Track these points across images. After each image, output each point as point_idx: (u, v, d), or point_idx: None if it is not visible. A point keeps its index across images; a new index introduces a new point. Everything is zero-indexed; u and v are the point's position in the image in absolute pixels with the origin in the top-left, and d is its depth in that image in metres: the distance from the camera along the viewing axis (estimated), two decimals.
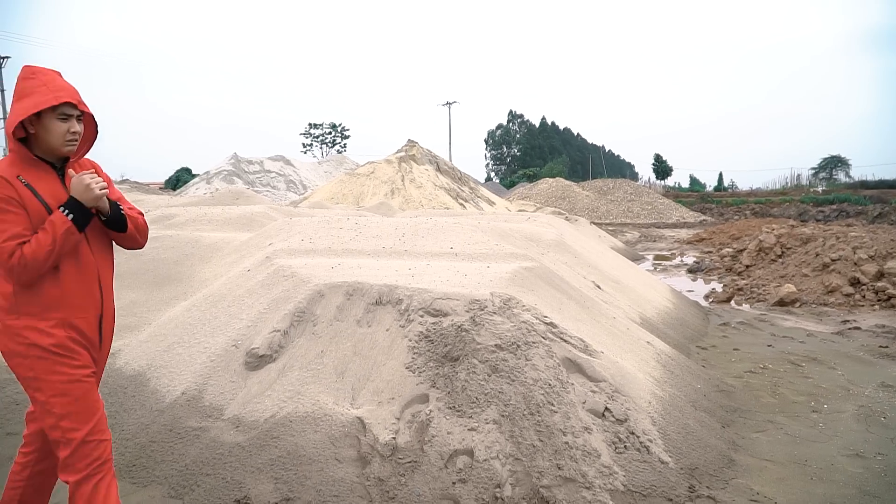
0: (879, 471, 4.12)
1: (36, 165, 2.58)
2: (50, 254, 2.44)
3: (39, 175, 2.56)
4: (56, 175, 2.62)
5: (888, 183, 54.21)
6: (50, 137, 2.55)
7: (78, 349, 2.61)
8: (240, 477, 3.61)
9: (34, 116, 2.52)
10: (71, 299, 2.58)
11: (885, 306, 9.87)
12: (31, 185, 2.51)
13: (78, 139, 2.63)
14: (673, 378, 5.29)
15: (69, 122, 2.57)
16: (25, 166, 2.55)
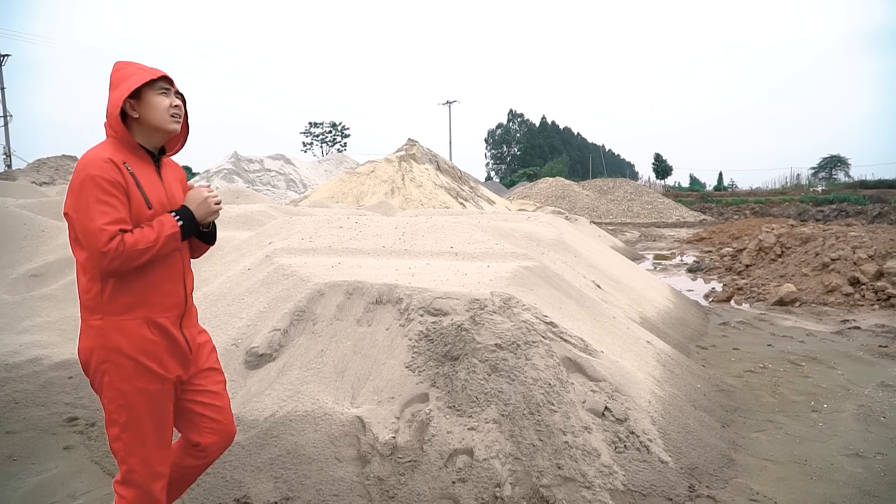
0: (879, 470, 4.12)
1: (137, 153, 2.53)
2: (148, 251, 2.37)
3: (141, 165, 2.52)
4: (154, 167, 2.58)
5: (888, 182, 54.21)
6: (154, 113, 2.50)
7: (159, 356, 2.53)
8: (239, 476, 3.61)
9: (134, 100, 2.49)
10: (156, 298, 2.51)
11: (885, 306, 9.87)
12: (136, 175, 2.45)
13: (180, 114, 2.60)
14: (673, 377, 5.29)
15: (169, 97, 2.55)
16: (128, 154, 2.50)
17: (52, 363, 5.27)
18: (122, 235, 2.32)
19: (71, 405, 4.84)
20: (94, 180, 2.33)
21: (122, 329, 2.45)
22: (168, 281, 2.55)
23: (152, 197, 2.48)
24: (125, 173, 2.41)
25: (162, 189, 2.55)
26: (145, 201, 2.44)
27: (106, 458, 4.11)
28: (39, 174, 38.39)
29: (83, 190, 2.34)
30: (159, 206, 2.50)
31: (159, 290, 2.52)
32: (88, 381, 2.59)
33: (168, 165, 2.69)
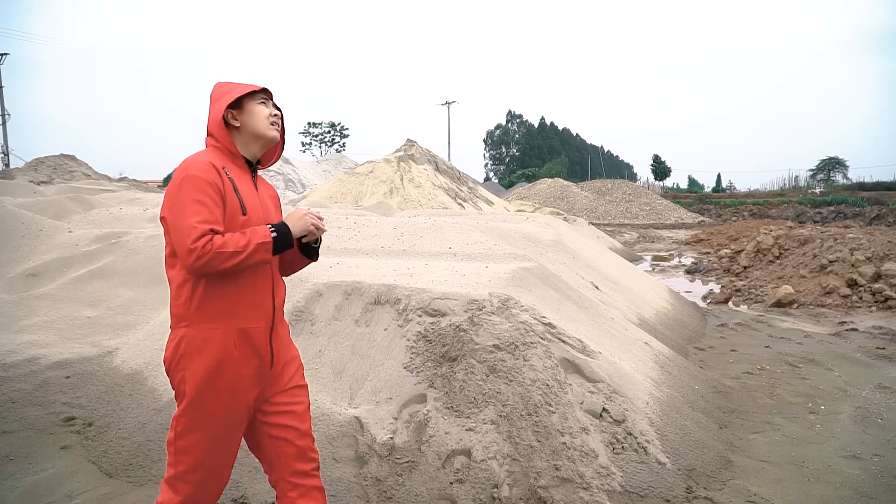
0: (876, 472, 4.12)
1: (236, 161, 2.56)
2: (236, 256, 2.30)
3: (239, 172, 2.54)
4: (250, 177, 2.60)
5: (886, 185, 54.31)
6: (255, 120, 2.55)
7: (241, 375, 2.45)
8: (237, 476, 3.61)
9: (235, 110, 2.55)
10: (244, 308, 2.45)
11: (882, 308, 9.87)
12: (234, 181, 2.46)
13: (279, 122, 2.64)
14: (671, 379, 5.29)
15: (268, 107, 2.61)
16: (228, 161, 2.53)
17: (50, 363, 5.26)
18: (211, 235, 2.28)
19: (68, 405, 4.83)
20: (192, 180, 2.34)
21: (208, 338, 2.41)
22: (257, 291, 2.50)
23: (248, 204, 2.48)
24: (224, 177, 2.42)
25: (257, 199, 2.56)
26: (241, 206, 2.44)
27: (103, 457, 4.11)
28: (37, 173, 38.34)
29: (181, 189, 2.34)
30: (254, 214, 2.49)
31: (248, 301, 2.46)
32: (88, 381, 2.59)
33: (263, 182, 2.71)
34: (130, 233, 8.39)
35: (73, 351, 5.52)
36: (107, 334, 5.96)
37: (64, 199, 14.02)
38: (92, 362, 5.37)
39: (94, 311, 6.42)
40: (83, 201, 14.27)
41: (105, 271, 7.17)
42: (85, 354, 5.48)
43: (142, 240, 7.97)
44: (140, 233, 8.38)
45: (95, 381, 5.08)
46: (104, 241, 8.17)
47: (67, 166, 41.37)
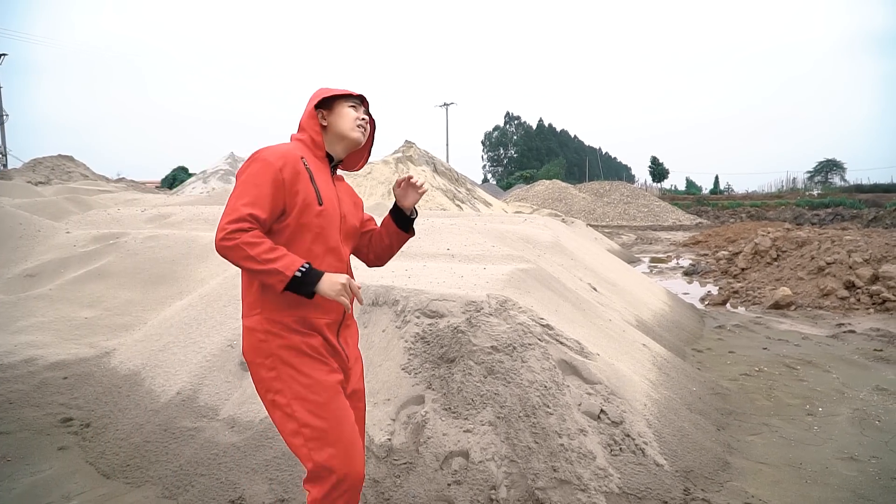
0: (874, 474, 4.12)
1: (316, 154, 2.61)
2: (254, 263, 2.25)
3: (319, 165, 2.57)
4: (329, 172, 2.64)
5: (883, 187, 54.44)
6: (342, 121, 2.61)
7: (322, 352, 2.47)
8: (234, 477, 3.61)
9: (326, 110, 2.63)
10: (313, 300, 2.42)
11: (880, 310, 9.88)
12: (312, 171, 2.48)
13: (366, 126, 2.70)
14: (668, 380, 5.29)
15: (358, 112, 2.67)
16: (309, 153, 2.57)
17: (47, 363, 5.26)
18: (250, 224, 2.28)
19: (66, 406, 4.83)
20: (259, 164, 2.37)
21: (279, 326, 2.41)
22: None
23: (325, 196, 2.48)
24: (300, 167, 2.43)
25: (334, 193, 2.57)
26: (317, 197, 2.44)
27: (100, 458, 4.11)
28: (35, 174, 38.30)
29: (247, 171, 2.38)
30: (329, 206, 2.48)
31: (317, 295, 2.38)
32: (85, 382, 2.59)
33: (343, 183, 2.74)
34: (128, 233, 8.38)
35: (70, 352, 5.51)
36: (104, 335, 5.96)
37: (61, 199, 14.02)
38: (89, 363, 5.37)
39: (91, 311, 6.41)
40: (81, 202, 14.27)
41: (103, 272, 7.17)
42: (82, 355, 5.48)
43: (139, 241, 7.96)
44: (138, 234, 8.38)
45: (93, 382, 5.08)
46: (102, 241, 8.16)
47: (65, 167, 41.34)
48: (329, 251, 2.49)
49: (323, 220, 2.45)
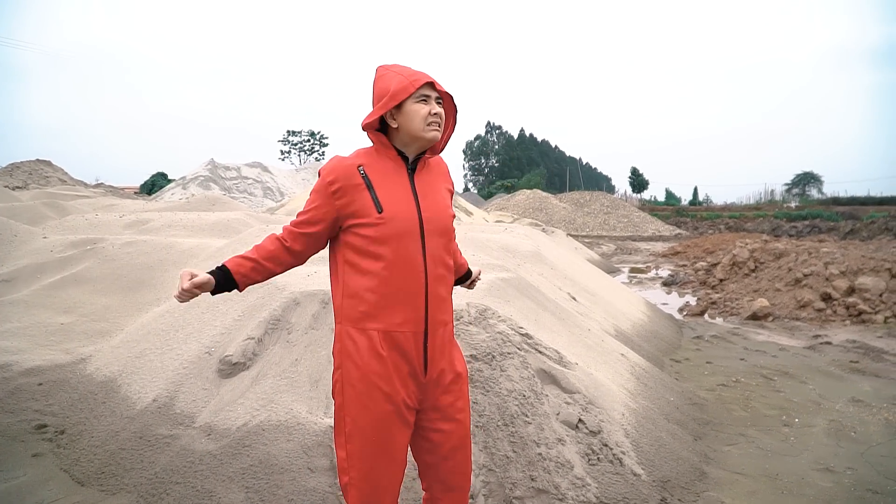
0: (849, 485, 4.16)
1: (388, 158, 2.44)
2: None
3: (388, 169, 2.42)
4: (406, 171, 2.44)
5: (860, 200, 55.07)
6: (412, 123, 2.38)
7: (382, 372, 2.34)
8: (210, 485, 3.57)
9: (394, 109, 2.40)
10: (389, 309, 2.34)
11: (856, 321, 10.00)
12: (371, 178, 2.37)
13: (440, 121, 2.43)
14: (646, 390, 5.32)
15: (429, 105, 2.40)
16: (375, 158, 2.43)
17: (22, 369, 5.19)
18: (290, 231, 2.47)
19: (40, 412, 4.77)
20: (318, 178, 2.41)
21: (354, 338, 2.36)
22: (404, 294, 2.36)
23: (388, 201, 2.34)
24: (356, 179, 2.36)
25: (406, 194, 2.39)
26: (375, 205, 2.34)
27: (75, 466, 4.06)
28: (13, 178, 37.92)
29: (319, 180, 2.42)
30: (394, 210, 2.34)
31: (393, 304, 2.34)
32: (60, 388, 2.55)
33: (429, 169, 2.53)
34: (106, 239, 8.31)
35: (45, 358, 5.45)
36: (80, 341, 5.90)
37: (39, 204, 13.88)
38: (65, 369, 5.31)
39: (67, 317, 6.35)
40: (58, 207, 14.14)
41: (79, 278, 7.09)
42: (58, 361, 5.42)
43: (117, 246, 7.90)
44: (116, 239, 8.30)
45: (68, 388, 5.02)
46: (79, 247, 8.09)
47: (43, 171, 40.97)
48: (398, 260, 2.35)
49: (386, 227, 2.33)
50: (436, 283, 2.41)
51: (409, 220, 2.36)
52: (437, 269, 2.42)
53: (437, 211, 2.44)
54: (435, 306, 2.41)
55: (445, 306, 2.47)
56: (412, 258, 2.35)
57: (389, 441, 2.36)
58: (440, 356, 2.46)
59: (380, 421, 2.34)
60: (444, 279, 2.47)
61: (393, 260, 2.33)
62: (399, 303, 2.34)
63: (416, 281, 2.36)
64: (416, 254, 2.36)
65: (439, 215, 2.44)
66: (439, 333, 2.44)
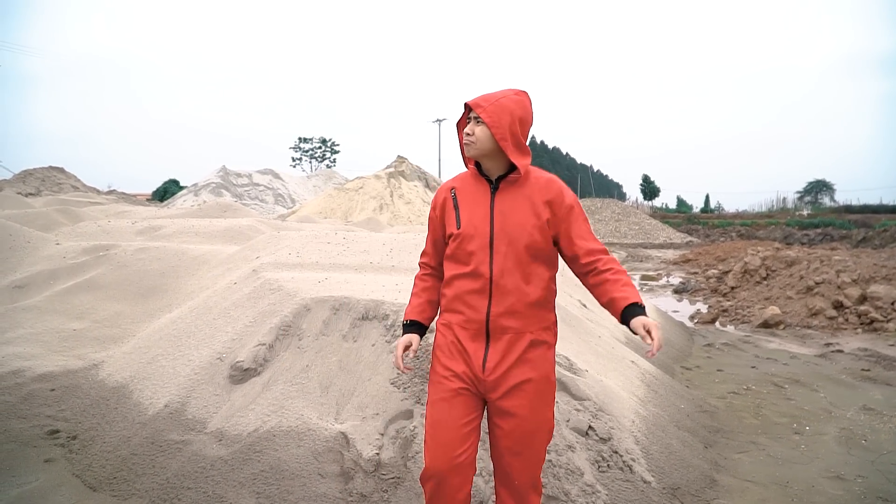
0: (860, 493, 4.14)
1: (476, 181, 2.74)
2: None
3: (475, 190, 2.73)
4: (489, 192, 2.69)
5: (872, 208, 54.80)
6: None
7: (452, 357, 2.70)
8: (221, 491, 3.59)
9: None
10: (457, 306, 2.68)
11: (868, 330, 9.94)
12: (458, 200, 2.72)
13: (471, 140, 2.64)
14: (657, 398, 5.31)
15: (470, 125, 2.66)
16: (466, 182, 2.77)
17: (35, 375, 5.23)
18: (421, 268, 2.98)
19: (52, 418, 4.80)
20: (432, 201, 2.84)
21: (438, 325, 2.80)
22: (469, 295, 2.65)
23: (466, 219, 2.67)
24: (448, 200, 2.76)
25: (483, 212, 2.66)
26: (456, 222, 2.69)
27: (87, 471, 4.08)
28: (26, 185, 38.21)
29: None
30: (469, 228, 2.64)
31: (461, 307, 2.67)
32: (73, 394, 2.58)
33: (518, 188, 2.68)
34: (118, 245, 8.36)
35: (58, 364, 5.49)
36: (93, 347, 5.93)
37: (52, 211, 13.97)
38: (77, 375, 5.34)
39: (80, 323, 6.39)
40: (71, 213, 14.22)
41: (92, 284, 7.15)
42: (70, 367, 5.46)
43: (130, 253, 7.95)
44: (128, 246, 8.36)
45: (80, 394, 5.05)
46: (92, 253, 8.14)
47: (56, 178, 41.24)
48: (468, 267, 2.64)
49: (460, 242, 2.65)
50: (501, 292, 2.60)
51: (481, 236, 2.63)
52: (503, 280, 2.60)
53: (511, 228, 2.61)
54: (499, 313, 2.60)
55: (516, 316, 2.62)
56: (480, 268, 2.62)
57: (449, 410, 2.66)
58: (502, 359, 2.61)
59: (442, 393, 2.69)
60: (514, 291, 2.61)
61: (464, 268, 2.65)
62: (464, 304, 2.65)
63: (481, 288, 2.62)
64: (483, 265, 2.61)
65: (511, 231, 2.61)
66: (503, 339, 2.62)
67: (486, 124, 2.59)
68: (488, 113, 2.59)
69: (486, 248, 2.61)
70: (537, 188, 2.66)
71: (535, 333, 2.64)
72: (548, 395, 2.69)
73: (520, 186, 2.66)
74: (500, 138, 2.59)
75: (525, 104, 2.68)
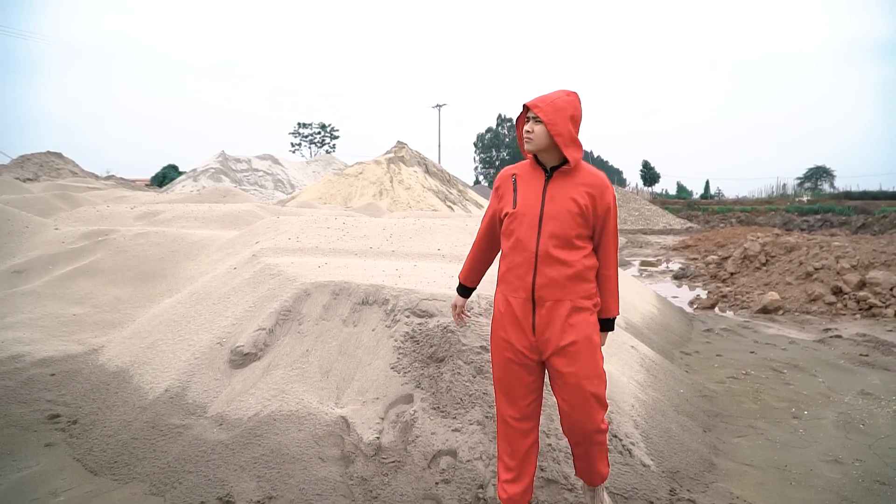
0: (857, 477, 4.16)
1: (533, 170, 3.11)
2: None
3: (532, 177, 3.10)
4: (543, 179, 3.06)
5: (871, 194, 54.72)
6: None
7: (507, 326, 3.09)
8: (222, 475, 3.60)
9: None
10: (510, 277, 3.08)
11: (866, 315, 9.96)
12: (518, 185, 3.10)
13: (530, 137, 3.01)
14: (656, 382, 5.32)
15: (528, 123, 3.01)
16: (525, 170, 3.14)
17: (35, 360, 5.24)
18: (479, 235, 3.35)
19: (53, 402, 4.81)
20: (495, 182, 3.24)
21: (497, 298, 3.18)
22: (518, 270, 3.04)
23: (521, 201, 3.05)
24: (508, 183, 3.15)
25: (536, 198, 3.03)
26: (513, 202, 3.08)
27: (88, 455, 4.10)
28: (23, 170, 38.15)
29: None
30: (523, 209, 3.03)
31: (511, 277, 3.07)
32: (73, 379, 2.58)
33: (569, 178, 3.04)
34: (117, 231, 8.36)
35: (58, 348, 5.50)
36: (92, 332, 5.94)
37: (50, 196, 13.96)
38: (77, 360, 5.35)
39: (79, 308, 6.40)
40: (70, 199, 14.21)
41: (91, 269, 7.15)
42: (70, 352, 5.47)
43: (129, 238, 7.95)
44: (127, 231, 8.36)
45: (81, 378, 5.06)
46: (91, 238, 8.14)
47: (54, 164, 41.18)
48: (517, 243, 3.04)
49: (514, 220, 3.05)
50: (545, 265, 2.98)
51: (531, 216, 3.01)
52: (546, 256, 2.98)
53: (557, 211, 2.98)
54: (542, 284, 2.99)
55: (557, 287, 2.99)
56: (528, 244, 3.00)
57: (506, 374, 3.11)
58: (549, 323, 3.00)
59: (500, 359, 3.13)
60: (556, 265, 2.98)
61: (516, 243, 3.04)
62: (514, 276, 3.06)
63: (527, 261, 3.01)
64: (531, 241, 3.00)
65: (558, 214, 2.98)
66: (547, 305, 3.00)
67: (544, 123, 2.96)
68: (545, 113, 2.95)
69: (534, 227, 2.99)
70: (585, 181, 3.03)
71: (574, 301, 3.00)
72: (592, 352, 3.04)
73: (570, 177, 3.03)
74: (555, 135, 2.95)
75: (576, 104, 3.05)
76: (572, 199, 2.98)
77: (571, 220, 2.97)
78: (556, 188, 3.02)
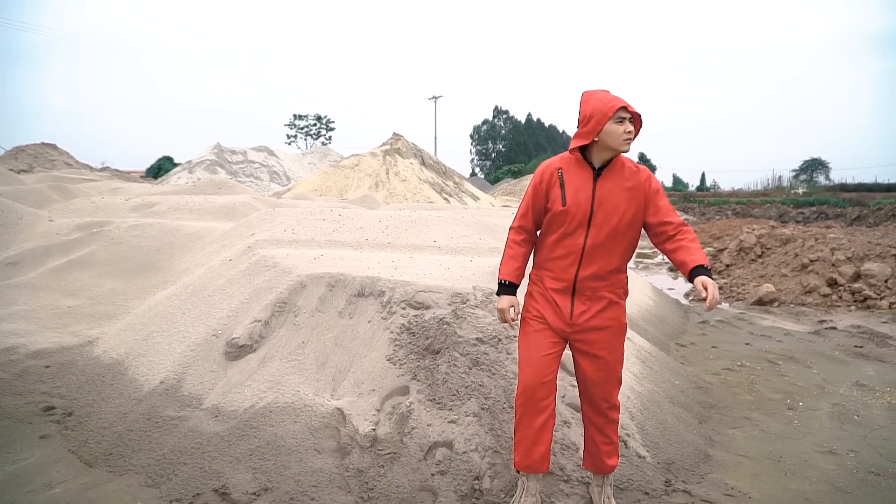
0: (852, 467, 4.17)
1: (580, 167, 3.19)
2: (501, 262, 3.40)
3: (579, 174, 3.18)
4: (591, 177, 3.16)
5: (867, 186, 54.86)
6: (611, 139, 3.07)
7: (543, 305, 3.27)
8: (218, 466, 3.60)
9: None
10: (549, 265, 3.25)
11: (861, 307, 9.99)
12: (565, 181, 3.17)
13: (632, 137, 3.11)
14: (652, 374, 5.33)
15: (624, 124, 3.08)
16: (571, 165, 3.21)
17: (29, 352, 5.23)
18: (517, 227, 3.36)
19: (48, 394, 4.80)
20: (533, 178, 3.28)
21: (532, 278, 3.38)
22: (561, 256, 3.21)
23: (571, 198, 3.14)
24: (554, 178, 3.21)
25: (587, 195, 3.14)
26: (562, 199, 3.15)
27: (83, 447, 4.09)
28: (17, 162, 37.98)
29: (532, 179, 3.27)
30: (573, 207, 3.13)
31: (554, 266, 3.23)
32: (68, 371, 2.57)
33: (616, 174, 3.18)
34: (112, 222, 8.33)
35: (53, 340, 5.48)
36: (87, 324, 5.93)
37: (45, 187, 13.90)
38: (72, 352, 5.34)
39: (74, 300, 6.38)
40: (64, 190, 14.16)
41: (86, 261, 7.13)
42: (65, 344, 5.45)
43: (123, 229, 7.92)
44: (122, 222, 8.33)
45: (76, 370, 5.05)
46: (85, 230, 8.11)
47: (48, 155, 41.01)
48: (565, 238, 3.18)
49: (564, 217, 3.15)
50: (589, 261, 3.17)
51: (582, 213, 3.13)
52: (593, 251, 3.15)
53: (607, 210, 3.13)
54: (584, 277, 3.18)
55: (598, 279, 3.19)
56: (576, 240, 3.16)
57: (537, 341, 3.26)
58: (586, 310, 3.21)
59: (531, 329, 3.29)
60: (599, 261, 3.17)
61: (562, 237, 3.19)
62: (557, 266, 3.22)
63: (573, 255, 3.18)
64: (579, 238, 3.15)
65: (607, 213, 3.13)
66: (586, 295, 3.21)
67: (635, 126, 3.13)
68: (637, 118, 3.14)
69: (584, 224, 3.13)
70: (631, 177, 3.18)
71: (611, 294, 3.23)
72: (620, 336, 3.29)
73: (617, 175, 3.17)
74: (637, 133, 3.15)
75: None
76: (621, 199, 3.14)
77: (619, 218, 3.13)
78: (605, 187, 3.15)
